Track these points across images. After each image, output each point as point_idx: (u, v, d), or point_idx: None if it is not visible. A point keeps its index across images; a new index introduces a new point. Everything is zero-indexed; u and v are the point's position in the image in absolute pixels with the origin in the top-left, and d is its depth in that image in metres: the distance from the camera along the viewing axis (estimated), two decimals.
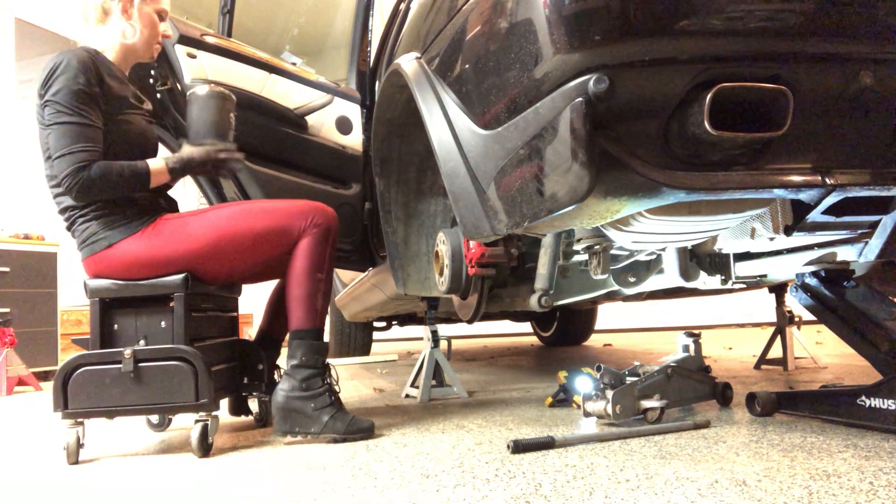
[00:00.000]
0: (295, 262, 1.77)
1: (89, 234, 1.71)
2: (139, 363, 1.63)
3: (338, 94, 2.60)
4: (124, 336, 1.71)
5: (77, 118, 1.62)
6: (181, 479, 1.42)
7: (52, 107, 1.63)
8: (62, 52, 1.69)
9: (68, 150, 1.61)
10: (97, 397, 1.64)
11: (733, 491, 1.10)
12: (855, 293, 1.70)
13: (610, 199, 1.14)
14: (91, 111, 1.65)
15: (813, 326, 3.31)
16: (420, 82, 1.59)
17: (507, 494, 1.15)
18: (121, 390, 1.63)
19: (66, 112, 1.62)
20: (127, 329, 1.71)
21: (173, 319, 1.69)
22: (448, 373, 2.51)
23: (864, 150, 1.18)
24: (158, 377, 1.63)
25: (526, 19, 1.14)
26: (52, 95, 1.63)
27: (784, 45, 1.09)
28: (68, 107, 1.62)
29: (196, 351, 1.65)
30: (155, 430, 2.02)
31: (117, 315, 1.72)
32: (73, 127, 1.62)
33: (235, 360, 1.99)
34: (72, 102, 1.62)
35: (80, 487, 1.40)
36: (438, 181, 2.18)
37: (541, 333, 5.21)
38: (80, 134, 1.62)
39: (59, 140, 1.61)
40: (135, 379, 1.63)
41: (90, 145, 1.63)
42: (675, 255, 1.83)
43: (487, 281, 2.05)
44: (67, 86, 1.62)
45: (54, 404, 1.64)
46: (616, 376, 1.72)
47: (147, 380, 1.63)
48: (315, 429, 1.69)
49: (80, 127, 1.62)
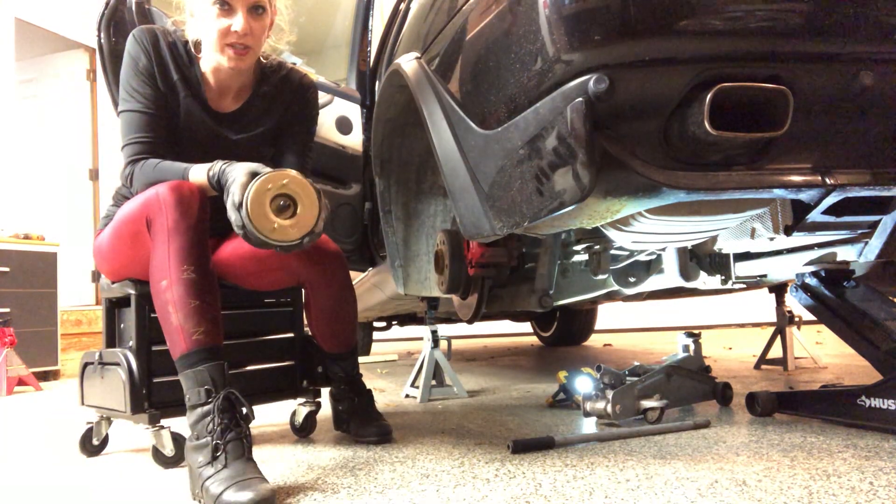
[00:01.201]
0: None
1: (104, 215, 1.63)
2: (104, 365, 1.60)
3: (338, 94, 2.61)
4: (126, 335, 1.65)
5: (134, 104, 1.48)
6: (177, 478, 1.42)
7: (120, 90, 1.50)
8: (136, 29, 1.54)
9: (125, 142, 1.48)
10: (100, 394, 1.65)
11: (733, 491, 1.10)
12: (855, 293, 1.70)
13: (610, 199, 1.14)
14: (148, 93, 1.49)
15: (813, 326, 3.30)
16: (420, 82, 1.59)
17: (507, 494, 1.15)
18: (98, 390, 1.65)
19: (126, 97, 1.49)
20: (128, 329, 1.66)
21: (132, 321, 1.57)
22: (448, 373, 2.51)
23: (864, 150, 1.18)
24: (109, 380, 1.59)
25: (526, 19, 1.14)
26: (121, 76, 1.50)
27: (784, 45, 1.09)
28: (126, 91, 1.49)
29: (128, 356, 1.51)
30: None
31: (122, 314, 1.68)
32: (129, 115, 1.49)
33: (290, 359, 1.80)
34: (131, 84, 1.49)
35: (81, 487, 1.40)
36: (438, 181, 2.18)
37: (541, 333, 5.21)
38: (136, 124, 1.48)
39: (121, 129, 1.49)
40: (101, 382, 1.62)
41: (144, 136, 1.47)
42: (675, 255, 1.83)
43: (487, 281, 2.05)
44: (127, 64, 1.50)
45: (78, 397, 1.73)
46: (616, 376, 1.72)
47: (104, 383, 1.61)
48: (196, 492, 1.24)
49: (137, 115, 1.48)
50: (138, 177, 1.45)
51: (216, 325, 1.32)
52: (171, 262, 1.31)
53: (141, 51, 1.50)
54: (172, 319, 1.30)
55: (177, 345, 1.30)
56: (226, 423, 1.25)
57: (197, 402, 1.28)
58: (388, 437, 1.69)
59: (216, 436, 1.24)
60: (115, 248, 1.51)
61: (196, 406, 1.28)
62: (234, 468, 1.20)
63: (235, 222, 1.26)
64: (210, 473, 1.21)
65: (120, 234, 1.47)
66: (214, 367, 1.30)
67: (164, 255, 1.32)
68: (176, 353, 1.31)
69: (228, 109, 1.61)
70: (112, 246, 1.52)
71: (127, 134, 1.48)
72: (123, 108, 1.49)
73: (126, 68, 1.50)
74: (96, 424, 1.72)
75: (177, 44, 1.54)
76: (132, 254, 1.47)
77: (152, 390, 1.52)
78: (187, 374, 1.30)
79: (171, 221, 1.32)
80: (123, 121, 1.49)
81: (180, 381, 1.31)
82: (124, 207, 1.47)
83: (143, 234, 1.38)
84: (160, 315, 1.33)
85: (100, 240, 1.58)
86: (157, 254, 1.33)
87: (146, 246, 1.38)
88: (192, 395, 1.29)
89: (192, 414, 1.29)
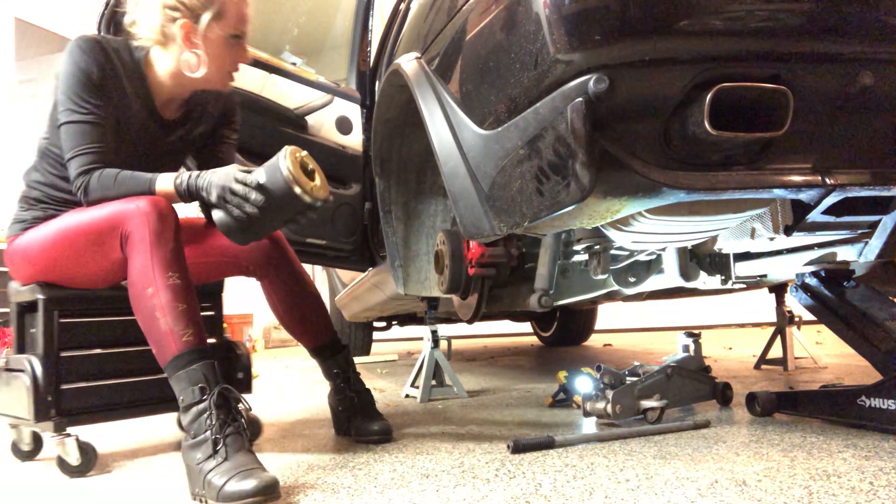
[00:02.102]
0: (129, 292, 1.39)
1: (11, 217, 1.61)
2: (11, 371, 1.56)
3: (338, 94, 2.60)
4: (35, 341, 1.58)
5: (85, 115, 1.47)
6: (170, 480, 1.42)
7: (62, 101, 1.47)
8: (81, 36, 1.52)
9: (75, 153, 1.46)
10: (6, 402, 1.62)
11: (733, 491, 1.10)
12: (855, 293, 1.70)
13: (610, 199, 1.14)
14: (98, 104, 1.48)
15: (813, 326, 3.30)
16: (420, 82, 1.59)
17: (507, 494, 1.15)
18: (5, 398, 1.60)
19: (74, 108, 1.46)
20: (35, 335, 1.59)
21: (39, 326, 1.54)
22: (448, 373, 2.51)
23: (864, 150, 1.18)
24: (14, 387, 1.54)
25: (526, 19, 1.14)
26: (62, 86, 1.47)
27: (784, 45, 1.09)
28: (76, 102, 1.46)
29: (36, 362, 1.49)
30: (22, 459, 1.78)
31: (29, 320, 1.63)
32: (81, 126, 1.46)
33: None
34: (80, 96, 1.46)
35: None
36: (438, 181, 2.18)
37: (541, 333, 5.21)
38: (87, 133, 1.46)
39: (67, 140, 1.47)
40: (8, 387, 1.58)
41: (95, 146, 1.46)
42: (675, 255, 1.83)
43: (487, 281, 2.05)
44: (75, 76, 1.47)
45: None
46: (616, 376, 1.72)
47: (11, 389, 1.56)
48: (197, 489, 1.25)
49: (88, 126, 1.47)
50: (96, 188, 1.44)
51: (201, 327, 1.36)
52: (155, 271, 1.34)
53: (93, 62, 1.48)
54: (161, 324, 1.32)
55: (166, 348, 1.32)
56: (223, 417, 1.28)
57: (192, 401, 1.30)
58: (388, 437, 1.69)
59: (215, 430, 1.26)
60: (56, 251, 1.49)
61: (192, 405, 1.30)
62: (235, 460, 1.22)
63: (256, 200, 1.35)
64: (211, 466, 1.22)
65: (72, 239, 1.46)
66: (205, 365, 1.32)
67: (148, 264, 1.35)
68: (166, 357, 1.32)
69: (173, 116, 1.65)
70: (50, 249, 1.50)
71: (78, 144, 1.46)
72: (71, 118, 1.47)
73: (72, 79, 1.47)
74: (16, 430, 1.68)
75: (120, 52, 1.54)
76: (81, 259, 1.47)
77: (60, 397, 1.50)
78: (179, 376, 1.31)
79: (153, 233, 1.36)
80: (72, 131, 1.47)
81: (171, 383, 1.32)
82: (81, 214, 1.46)
83: (108, 244, 1.40)
84: (145, 321, 1.35)
85: (27, 242, 1.54)
86: (138, 263, 1.35)
87: (106, 255, 1.42)
88: (185, 395, 1.30)
89: (187, 414, 1.30)
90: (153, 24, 1.52)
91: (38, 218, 1.56)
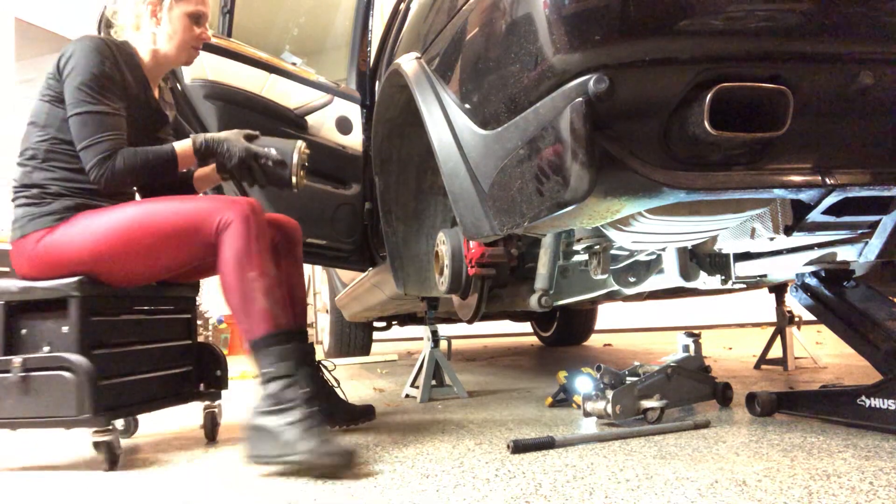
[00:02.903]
0: (220, 272, 1.54)
1: (14, 218, 1.61)
2: (29, 372, 1.50)
3: (338, 94, 2.61)
4: (30, 342, 1.57)
5: (101, 106, 1.57)
6: (172, 479, 1.42)
7: (75, 94, 1.56)
8: (84, 36, 1.63)
9: (91, 141, 1.55)
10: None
11: (733, 491, 1.10)
12: (855, 293, 1.70)
13: (610, 199, 1.14)
14: (114, 98, 1.60)
15: (813, 326, 3.30)
16: (420, 82, 1.59)
17: (507, 494, 1.15)
18: (13, 401, 1.51)
19: (89, 100, 1.56)
20: (34, 334, 1.58)
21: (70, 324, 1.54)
22: (448, 373, 2.51)
23: (864, 150, 1.18)
24: (45, 388, 1.50)
25: (526, 19, 1.14)
26: (75, 81, 1.56)
27: (784, 45, 1.09)
28: (91, 94, 1.56)
29: (82, 360, 1.49)
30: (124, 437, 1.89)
31: (25, 319, 1.59)
32: (98, 116, 1.56)
33: (179, 366, 1.84)
34: (94, 89, 1.57)
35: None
36: (438, 181, 2.18)
37: (541, 333, 5.21)
38: (102, 122, 1.56)
39: (82, 129, 1.55)
40: (23, 389, 1.50)
41: (113, 133, 1.57)
42: (675, 255, 1.83)
43: (487, 281, 2.05)
44: (90, 71, 1.57)
45: None
46: (616, 376, 1.72)
47: (34, 390, 1.50)
48: (279, 451, 1.37)
49: (103, 116, 1.57)
50: (122, 168, 1.56)
51: (289, 314, 1.61)
52: (256, 258, 1.52)
53: (102, 57, 1.60)
54: (259, 304, 1.49)
55: (260, 324, 1.49)
56: (308, 393, 1.45)
57: (283, 374, 1.45)
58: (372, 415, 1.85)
59: (301, 402, 1.42)
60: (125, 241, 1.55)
61: (281, 377, 1.45)
62: (321, 430, 1.39)
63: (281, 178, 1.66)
64: (299, 431, 1.37)
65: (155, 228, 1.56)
66: (297, 346, 1.53)
67: (249, 250, 1.51)
68: (255, 332, 1.49)
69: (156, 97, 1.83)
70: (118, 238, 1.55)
71: (93, 133, 1.56)
72: (85, 109, 1.56)
73: (85, 74, 1.57)
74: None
75: (119, 47, 1.69)
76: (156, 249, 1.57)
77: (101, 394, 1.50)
78: (272, 350, 1.47)
79: (255, 225, 1.54)
80: (86, 121, 1.56)
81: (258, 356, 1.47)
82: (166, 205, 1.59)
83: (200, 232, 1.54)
84: (241, 301, 1.50)
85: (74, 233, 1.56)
86: (238, 249, 1.51)
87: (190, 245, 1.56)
88: (277, 368, 1.46)
89: (273, 384, 1.45)
90: (128, 9, 1.74)
91: (68, 208, 1.59)
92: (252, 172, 1.66)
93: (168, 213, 1.57)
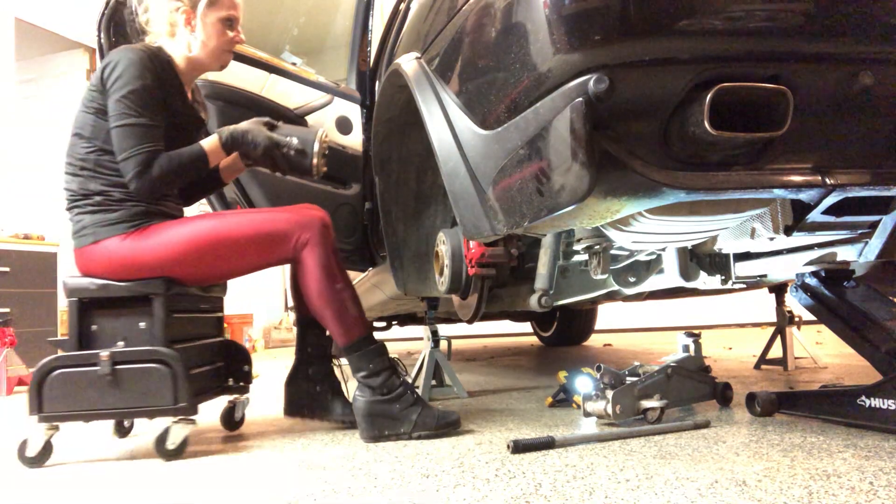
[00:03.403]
0: (306, 285, 1.73)
1: (81, 226, 1.69)
2: (116, 365, 1.60)
3: (338, 94, 2.60)
4: (102, 337, 1.67)
5: (141, 119, 1.63)
6: (173, 479, 1.42)
7: (117, 106, 1.63)
8: (126, 48, 1.69)
9: (131, 153, 1.62)
10: (74, 400, 1.60)
11: (733, 491, 1.10)
12: (855, 293, 1.70)
13: (610, 199, 1.14)
14: (154, 111, 1.67)
15: (813, 326, 3.31)
16: (420, 82, 1.59)
17: (507, 494, 1.15)
18: (98, 393, 1.60)
19: (131, 113, 1.63)
20: (105, 330, 1.67)
21: (153, 321, 1.66)
22: (448, 373, 2.51)
23: (864, 150, 1.18)
24: (136, 380, 1.60)
25: (526, 19, 1.14)
26: (117, 94, 1.63)
27: (784, 45, 1.09)
28: (132, 107, 1.63)
29: (175, 353, 1.62)
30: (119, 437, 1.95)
31: (96, 316, 1.68)
32: (137, 128, 1.63)
33: (219, 361, 1.96)
34: (136, 102, 1.63)
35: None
36: (438, 181, 2.18)
37: (541, 333, 5.21)
38: (143, 135, 1.63)
39: (122, 141, 1.63)
40: (112, 382, 1.59)
41: (151, 145, 1.64)
42: (675, 255, 1.83)
43: (487, 281, 2.04)
44: (132, 84, 1.63)
45: (29, 408, 1.60)
46: (616, 376, 1.72)
47: (125, 382, 1.60)
48: (405, 428, 1.69)
49: (143, 128, 1.63)
50: (157, 174, 1.63)
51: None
52: (340, 270, 1.75)
53: (148, 70, 1.67)
54: (351, 311, 1.74)
55: (353, 329, 1.73)
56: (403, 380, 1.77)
57: (384, 367, 1.74)
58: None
59: (405, 388, 1.74)
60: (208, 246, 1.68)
61: (382, 371, 1.73)
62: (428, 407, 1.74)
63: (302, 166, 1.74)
64: (419, 409, 1.71)
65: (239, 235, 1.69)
66: (382, 344, 1.77)
67: (334, 264, 1.73)
68: (352, 336, 1.73)
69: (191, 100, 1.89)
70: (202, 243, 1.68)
71: (134, 145, 1.62)
72: (127, 122, 1.63)
73: (128, 87, 1.63)
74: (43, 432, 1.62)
75: (156, 56, 1.73)
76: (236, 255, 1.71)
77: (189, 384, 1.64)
78: (370, 350, 1.74)
79: (331, 240, 1.75)
80: (129, 133, 1.63)
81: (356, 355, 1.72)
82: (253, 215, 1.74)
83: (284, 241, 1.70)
84: (334, 308, 1.71)
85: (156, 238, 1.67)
86: (324, 261, 1.71)
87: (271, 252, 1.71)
88: (377, 363, 1.73)
89: (377, 377, 1.72)
90: (161, 17, 1.78)
91: (137, 213, 1.69)
92: (275, 160, 1.74)
93: (248, 225, 1.71)
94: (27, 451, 1.61)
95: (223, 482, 1.37)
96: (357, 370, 1.74)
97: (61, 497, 1.33)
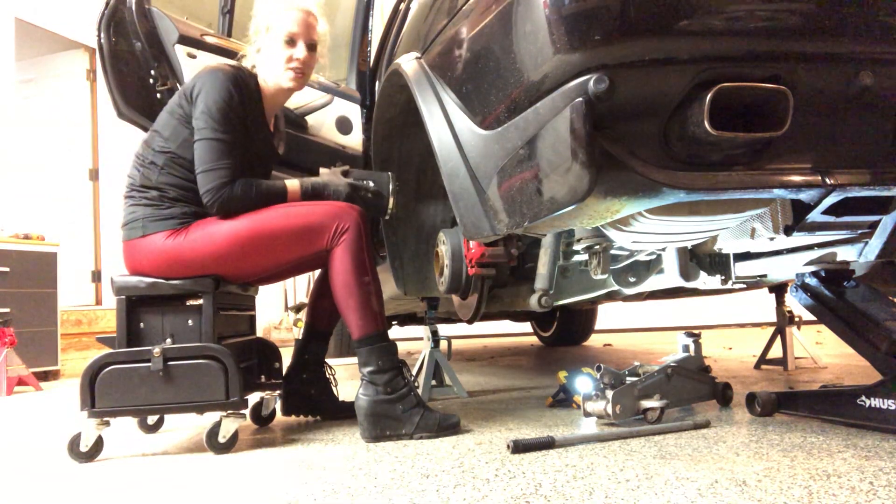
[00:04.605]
0: (336, 273, 1.74)
1: (132, 218, 1.73)
2: (168, 361, 1.63)
3: (338, 94, 2.61)
4: (150, 334, 1.70)
5: (223, 135, 1.69)
6: (174, 480, 1.42)
7: (203, 119, 1.69)
8: (217, 67, 1.77)
9: (212, 167, 1.68)
10: (125, 396, 1.63)
11: (733, 491, 1.10)
12: (855, 293, 1.70)
13: (610, 199, 1.14)
14: (235, 128, 1.72)
15: (813, 326, 3.31)
16: (420, 82, 1.59)
17: (507, 494, 1.15)
18: (149, 389, 1.63)
19: (216, 127, 1.69)
20: (153, 327, 1.71)
21: (201, 318, 1.70)
22: (448, 373, 2.51)
23: (864, 150, 1.18)
24: (188, 375, 1.63)
25: (526, 19, 1.14)
26: (204, 107, 1.69)
27: (784, 45, 1.09)
28: (218, 123, 1.69)
29: (225, 349, 1.66)
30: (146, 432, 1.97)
31: (143, 313, 1.71)
32: (219, 144, 1.69)
33: (255, 358, 2.01)
34: (220, 119, 1.69)
35: (86, 486, 1.40)
36: (438, 181, 2.18)
37: (541, 333, 5.21)
38: (224, 151, 1.69)
39: (204, 154, 1.69)
40: (164, 377, 1.63)
41: (231, 163, 1.70)
42: (675, 255, 1.83)
43: (487, 281, 2.05)
44: (218, 101, 1.69)
45: (81, 403, 1.62)
46: (616, 376, 1.72)
47: (176, 378, 1.63)
48: (407, 430, 1.68)
49: (225, 144, 1.69)
50: (239, 196, 1.70)
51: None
52: (370, 264, 1.74)
53: (237, 91, 1.74)
54: (373, 305, 1.73)
55: (370, 323, 1.72)
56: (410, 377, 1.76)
57: (392, 367, 1.72)
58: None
59: (410, 389, 1.73)
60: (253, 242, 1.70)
61: (391, 368, 1.72)
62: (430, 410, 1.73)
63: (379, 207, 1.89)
64: (422, 412, 1.71)
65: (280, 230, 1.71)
66: (395, 344, 1.77)
67: (364, 258, 1.73)
68: (368, 330, 1.72)
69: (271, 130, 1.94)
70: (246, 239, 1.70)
71: (214, 159, 1.69)
72: (212, 136, 1.69)
73: (219, 102, 1.70)
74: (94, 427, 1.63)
75: (247, 80, 1.81)
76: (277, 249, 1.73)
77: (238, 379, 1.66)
78: (382, 346, 1.73)
79: (367, 234, 1.75)
80: (212, 147, 1.69)
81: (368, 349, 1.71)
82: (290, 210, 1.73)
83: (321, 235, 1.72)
84: (359, 300, 1.71)
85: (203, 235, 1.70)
86: (356, 255, 1.72)
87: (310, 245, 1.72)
88: (386, 361, 1.72)
89: (385, 374, 1.71)
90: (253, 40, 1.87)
91: (187, 214, 1.73)
92: (354, 202, 1.82)
93: (286, 218, 1.72)
94: (80, 445, 1.63)
95: (223, 482, 1.37)
96: (364, 364, 1.73)
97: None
